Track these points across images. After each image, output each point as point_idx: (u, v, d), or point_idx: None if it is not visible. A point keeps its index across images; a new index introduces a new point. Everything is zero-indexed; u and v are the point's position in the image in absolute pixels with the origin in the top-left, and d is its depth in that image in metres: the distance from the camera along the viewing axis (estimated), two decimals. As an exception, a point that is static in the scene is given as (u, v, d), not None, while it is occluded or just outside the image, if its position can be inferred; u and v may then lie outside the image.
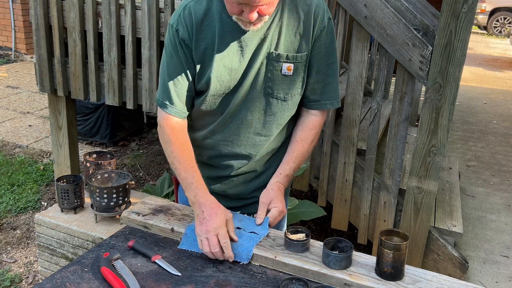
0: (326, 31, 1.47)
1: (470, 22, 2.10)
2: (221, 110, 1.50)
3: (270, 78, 1.46)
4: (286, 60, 1.45)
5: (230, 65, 1.43)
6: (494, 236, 3.26)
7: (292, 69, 1.46)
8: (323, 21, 1.45)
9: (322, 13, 1.45)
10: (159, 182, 3.54)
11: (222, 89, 1.46)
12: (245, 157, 1.57)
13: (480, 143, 5.14)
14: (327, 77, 1.52)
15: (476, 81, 8.29)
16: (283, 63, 1.45)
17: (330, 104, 1.56)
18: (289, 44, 1.45)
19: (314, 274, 1.32)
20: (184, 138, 1.52)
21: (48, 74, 3.17)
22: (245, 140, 1.54)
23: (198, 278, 1.30)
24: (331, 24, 1.48)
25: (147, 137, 5.09)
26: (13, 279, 2.84)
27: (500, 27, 13.71)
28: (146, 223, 1.53)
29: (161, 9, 2.78)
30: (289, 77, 1.47)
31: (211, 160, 1.61)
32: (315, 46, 1.47)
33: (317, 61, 1.49)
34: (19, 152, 4.44)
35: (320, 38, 1.47)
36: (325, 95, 1.54)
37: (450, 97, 2.21)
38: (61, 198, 1.84)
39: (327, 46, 1.49)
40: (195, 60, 1.45)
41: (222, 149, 1.57)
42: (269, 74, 1.46)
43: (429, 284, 1.29)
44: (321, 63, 1.50)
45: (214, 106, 1.50)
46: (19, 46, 7.93)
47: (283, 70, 1.45)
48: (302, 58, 1.46)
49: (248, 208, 1.62)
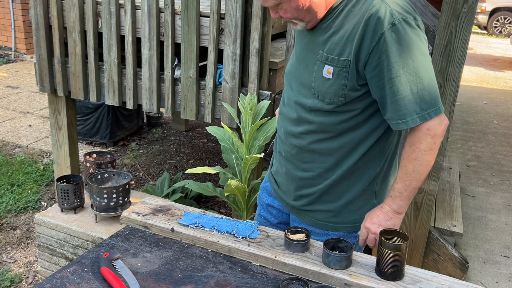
0: (383, 43, 1.28)
1: (470, 22, 2.10)
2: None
3: (314, 78, 1.44)
4: (327, 62, 1.39)
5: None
6: (494, 236, 3.26)
7: (331, 72, 1.38)
8: (378, 31, 1.28)
9: (377, 24, 1.28)
10: (159, 182, 3.54)
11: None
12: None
13: (480, 143, 5.14)
14: (393, 94, 1.32)
15: (476, 81, 8.29)
16: (325, 65, 1.40)
17: (403, 124, 1.34)
18: (334, 46, 1.38)
19: (314, 274, 1.32)
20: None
21: (48, 74, 3.17)
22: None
23: (198, 278, 1.30)
24: (396, 32, 1.28)
25: (147, 137, 5.09)
26: (13, 279, 2.83)
27: (500, 27, 13.71)
28: (146, 223, 1.53)
29: (161, 9, 2.78)
30: (329, 81, 1.39)
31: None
32: (369, 59, 1.32)
33: (377, 76, 1.33)
34: (19, 152, 4.44)
35: (375, 52, 1.30)
36: (396, 113, 1.34)
37: (450, 97, 2.21)
38: (61, 198, 1.84)
39: (387, 59, 1.29)
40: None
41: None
42: (314, 74, 1.44)
43: (429, 284, 1.29)
44: (381, 78, 1.32)
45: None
46: (19, 46, 7.93)
47: (324, 72, 1.41)
48: (342, 63, 1.36)
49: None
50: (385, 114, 1.39)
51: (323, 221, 1.59)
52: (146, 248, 1.44)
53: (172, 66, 2.83)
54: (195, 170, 2.32)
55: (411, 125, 1.33)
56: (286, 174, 1.62)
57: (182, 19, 2.69)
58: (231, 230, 1.49)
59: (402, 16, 1.29)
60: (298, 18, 1.41)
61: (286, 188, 1.65)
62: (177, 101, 2.91)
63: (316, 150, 1.50)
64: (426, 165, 1.38)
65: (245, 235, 1.46)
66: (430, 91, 1.32)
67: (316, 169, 1.53)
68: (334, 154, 1.49)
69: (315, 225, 1.59)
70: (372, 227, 1.47)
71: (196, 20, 2.67)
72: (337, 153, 1.49)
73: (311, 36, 1.47)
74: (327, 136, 1.47)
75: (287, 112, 1.56)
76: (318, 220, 1.59)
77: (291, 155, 1.57)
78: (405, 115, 1.33)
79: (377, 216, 1.47)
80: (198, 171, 2.32)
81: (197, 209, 1.65)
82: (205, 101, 2.82)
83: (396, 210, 1.44)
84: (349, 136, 1.46)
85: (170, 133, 5.26)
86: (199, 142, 5.04)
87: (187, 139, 5.12)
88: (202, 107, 2.85)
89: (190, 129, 5.40)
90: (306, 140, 1.51)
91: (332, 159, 1.50)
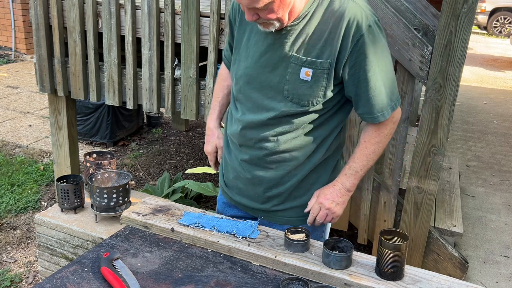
0: (361, 44, 1.37)
1: (470, 22, 2.10)
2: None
3: (288, 81, 1.44)
4: (305, 65, 1.41)
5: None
6: (494, 236, 3.26)
7: (310, 74, 1.41)
8: (357, 33, 1.36)
9: (355, 26, 1.36)
10: (159, 182, 3.54)
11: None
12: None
13: (480, 143, 5.14)
14: (371, 91, 1.42)
15: (476, 81, 8.29)
16: (302, 68, 1.42)
17: (381, 117, 1.47)
18: (312, 49, 1.41)
19: (314, 274, 1.32)
20: None
21: (48, 74, 3.17)
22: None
23: (198, 278, 1.30)
24: (371, 33, 1.37)
25: (147, 137, 5.09)
26: (13, 279, 2.84)
27: (500, 27, 13.71)
28: (146, 223, 1.53)
29: (161, 9, 2.78)
30: (307, 83, 1.43)
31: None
32: (349, 60, 1.39)
33: (354, 75, 1.41)
34: (19, 152, 4.44)
35: (354, 53, 1.38)
36: (374, 108, 1.46)
37: (450, 97, 2.21)
38: (61, 198, 1.84)
39: (365, 59, 1.39)
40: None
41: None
42: (288, 77, 1.44)
43: (429, 284, 1.29)
44: (360, 77, 1.41)
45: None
46: (19, 46, 7.93)
47: (301, 74, 1.42)
48: (323, 65, 1.40)
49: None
50: (359, 109, 1.49)
51: (296, 217, 1.61)
52: (146, 248, 1.44)
53: (172, 66, 2.83)
54: (195, 170, 2.32)
55: (387, 116, 1.48)
56: (251, 179, 1.60)
57: (182, 19, 2.69)
58: (231, 230, 1.49)
59: (373, 18, 1.39)
60: (281, 18, 1.37)
61: (252, 192, 1.63)
62: (177, 101, 2.91)
63: (287, 149, 1.53)
64: (383, 148, 1.54)
65: (245, 235, 1.46)
66: (395, 84, 1.49)
67: (287, 167, 1.56)
68: (304, 150, 1.54)
69: (287, 223, 1.61)
70: (327, 203, 1.52)
71: (196, 20, 2.67)
72: (306, 150, 1.54)
73: (277, 38, 1.44)
74: (298, 134, 1.51)
75: (251, 118, 1.53)
76: (291, 217, 1.61)
77: (258, 159, 1.57)
78: (382, 109, 1.46)
79: (330, 193, 1.53)
80: (198, 171, 2.32)
81: (197, 209, 1.65)
82: (205, 101, 2.82)
83: (348, 188, 1.54)
84: (318, 132, 1.53)
85: (170, 133, 5.26)
86: (199, 142, 5.04)
87: (187, 139, 5.13)
88: (202, 107, 2.85)
89: (190, 129, 5.40)
90: (278, 141, 1.52)
91: (302, 156, 1.54)
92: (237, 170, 1.64)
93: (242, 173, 1.62)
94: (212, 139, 1.78)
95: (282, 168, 1.56)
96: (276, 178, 1.57)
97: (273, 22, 1.37)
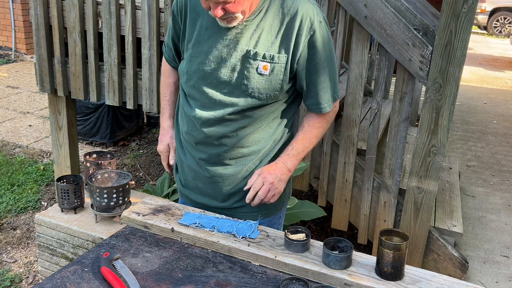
0: (314, 38, 1.46)
1: (470, 22, 2.10)
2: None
3: (246, 76, 1.47)
4: (263, 59, 1.45)
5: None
6: (494, 236, 3.26)
7: (268, 69, 1.46)
8: (310, 29, 1.44)
9: (308, 22, 1.44)
10: (159, 182, 3.54)
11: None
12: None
13: (480, 143, 5.14)
14: (320, 83, 1.53)
15: (476, 81, 8.29)
16: (259, 62, 1.45)
17: (328, 107, 1.58)
18: (268, 43, 1.45)
19: (314, 274, 1.32)
20: None
21: (48, 74, 3.17)
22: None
23: (198, 278, 1.30)
24: (321, 29, 1.47)
25: (147, 137, 5.09)
26: (13, 279, 2.84)
27: (500, 27, 13.72)
28: (146, 223, 1.53)
29: (161, 9, 2.78)
30: (265, 77, 1.47)
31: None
32: (302, 54, 1.47)
33: (305, 68, 1.50)
34: (19, 152, 4.44)
35: (307, 47, 1.47)
36: (322, 100, 1.56)
37: (450, 97, 2.21)
38: (61, 198, 1.84)
39: (317, 53, 1.48)
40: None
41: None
42: (245, 71, 1.47)
43: (429, 284, 1.29)
44: (311, 69, 1.50)
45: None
46: (19, 46, 7.93)
47: (259, 69, 1.46)
48: (280, 60, 1.46)
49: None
50: (307, 100, 1.58)
51: (257, 212, 1.62)
52: (146, 248, 1.44)
53: (172, 66, 2.83)
54: (195, 170, 2.33)
55: (332, 107, 1.59)
56: (210, 178, 1.62)
57: (182, 19, 2.69)
58: (231, 230, 1.49)
59: (322, 14, 1.48)
60: (245, 10, 1.39)
61: (212, 191, 1.64)
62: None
63: (246, 144, 1.56)
64: (324, 133, 1.65)
65: (245, 235, 1.46)
66: (337, 76, 1.62)
67: (246, 162, 1.59)
68: (262, 144, 1.58)
69: (249, 219, 1.60)
70: (270, 177, 1.54)
71: (196, 20, 2.67)
72: (264, 143, 1.58)
73: (233, 33, 1.46)
74: (256, 128, 1.55)
75: (209, 115, 1.53)
76: (251, 213, 1.62)
77: (217, 156, 1.58)
78: (328, 100, 1.57)
79: (273, 170, 1.56)
80: (198, 171, 2.33)
81: (197, 209, 1.65)
82: (205, 101, 2.82)
83: (289, 168, 1.58)
84: (275, 124, 1.59)
85: (170, 133, 5.25)
86: (199, 142, 5.04)
87: (187, 139, 5.12)
88: (202, 107, 2.85)
89: (190, 129, 5.39)
90: (237, 137, 1.55)
91: (260, 149, 1.58)
92: (194, 170, 1.65)
93: (201, 172, 1.63)
94: (165, 138, 1.79)
95: (241, 163, 1.59)
96: (235, 174, 1.60)
97: (237, 15, 1.38)
